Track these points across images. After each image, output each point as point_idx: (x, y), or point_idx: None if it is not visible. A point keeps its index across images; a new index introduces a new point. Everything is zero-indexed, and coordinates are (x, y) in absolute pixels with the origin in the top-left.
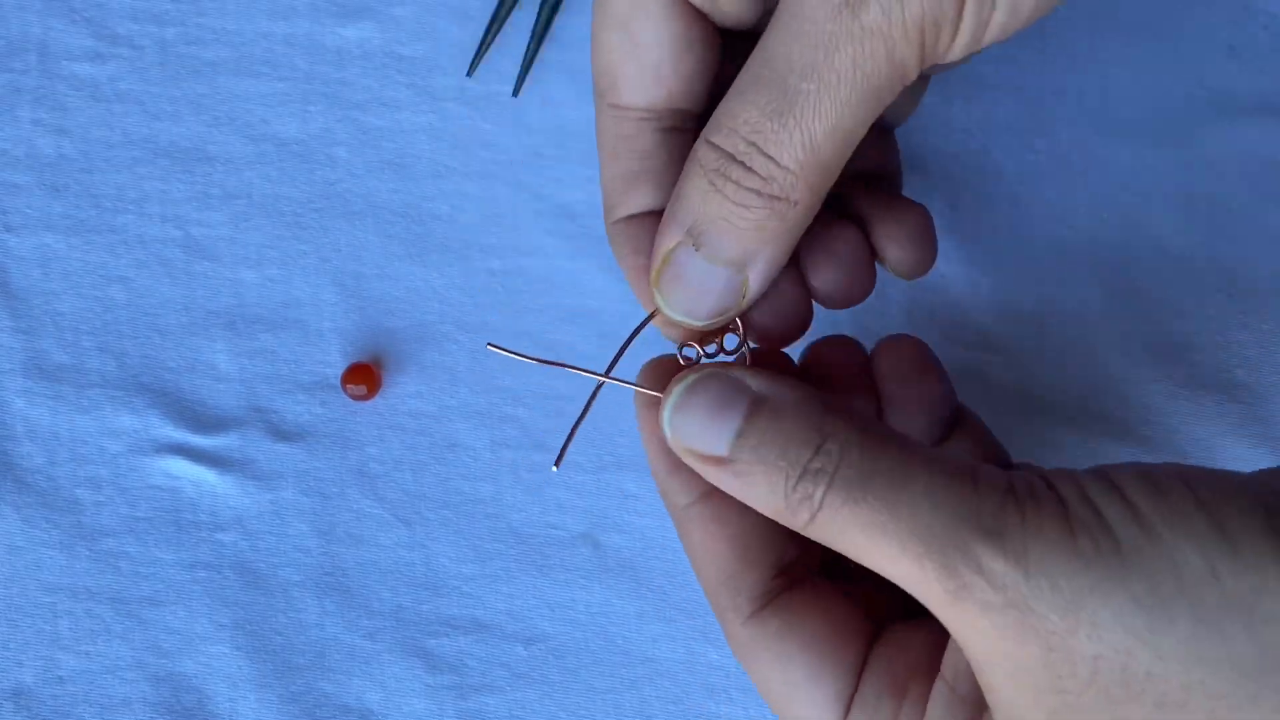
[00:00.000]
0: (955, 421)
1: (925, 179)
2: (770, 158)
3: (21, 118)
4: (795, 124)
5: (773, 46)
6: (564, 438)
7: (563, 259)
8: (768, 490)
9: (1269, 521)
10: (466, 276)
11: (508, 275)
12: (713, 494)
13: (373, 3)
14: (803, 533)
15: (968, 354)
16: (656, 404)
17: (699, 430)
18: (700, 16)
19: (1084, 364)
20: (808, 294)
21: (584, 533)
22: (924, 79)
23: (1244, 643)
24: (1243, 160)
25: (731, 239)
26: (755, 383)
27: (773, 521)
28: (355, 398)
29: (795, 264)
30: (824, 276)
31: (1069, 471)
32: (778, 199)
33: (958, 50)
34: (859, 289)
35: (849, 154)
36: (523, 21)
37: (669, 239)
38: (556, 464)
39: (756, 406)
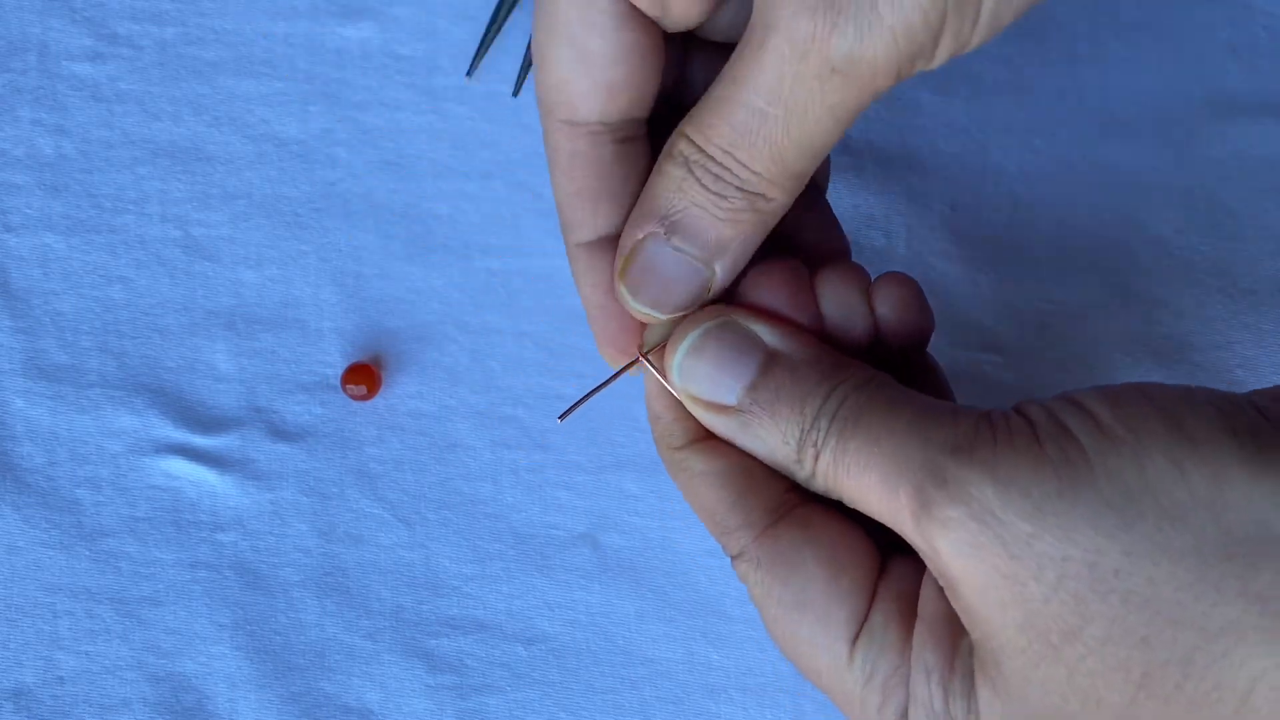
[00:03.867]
0: (927, 365)
1: (925, 179)
2: (744, 165)
3: (21, 118)
4: (764, 142)
5: (743, 71)
6: (565, 437)
7: (563, 259)
8: (780, 442)
9: (1223, 418)
10: (466, 276)
11: (508, 275)
12: (712, 436)
13: (373, 3)
14: (805, 484)
15: (968, 354)
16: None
17: (709, 378)
18: (649, 24)
19: (1084, 364)
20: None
21: (584, 533)
22: None
23: (1209, 532)
24: (1243, 160)
25: (706, 225)
26: (769, 336)
27: None
28: (355, 398)
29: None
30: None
31: (1038, 400)
32: (753, 194)
33: (934, 66)
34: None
35: (821, 158)
36: (523, 21)
37: (640, 230)
38: (562, 417)
39: (771, 360)
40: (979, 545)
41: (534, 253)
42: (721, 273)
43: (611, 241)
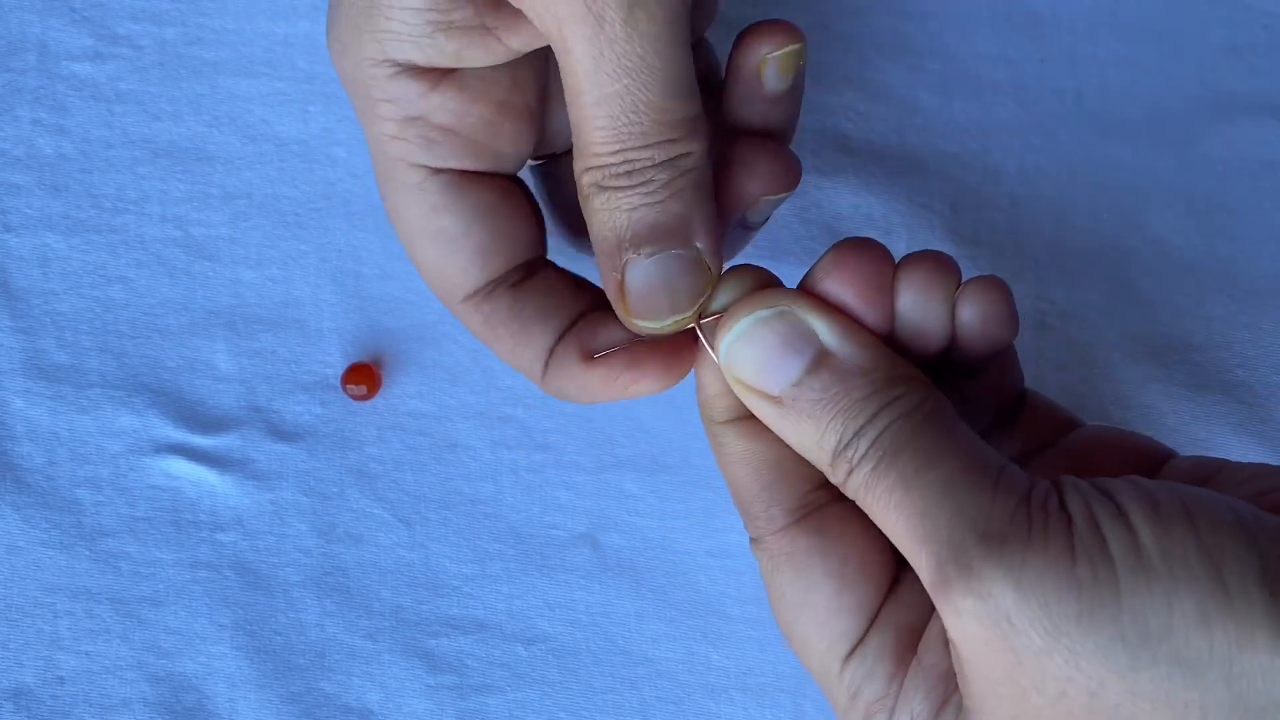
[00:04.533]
0: (1020, 403)
1: (925, 179)
2: (639, 146)
3: (21, 117)
4: (635, 115)
5: (572, 80)
6: (565, 437)
7: (561, 258)
8: (815, 443)
9: (1263, 569)
10: None
11: None
12: (753, 418)
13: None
14: (835, 483)
15: None
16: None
17: (756, 365)
18: (491, 178)
19: (1084, 364)
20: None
21: (584, 533)
22: None
23: (1219, 692)
24: (1243, 160)
25: (658, 215)
26: (825, 333)
27: None
28: (355, 398)
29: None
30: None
31: (1079, 483)
32: (669, 160)
33: None
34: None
35: (694, 86)
36: None
37: (613, 270)
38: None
39: (822, 359)
40: (988, 642)
41: None
42: (705, 244)
43: (492, 284)
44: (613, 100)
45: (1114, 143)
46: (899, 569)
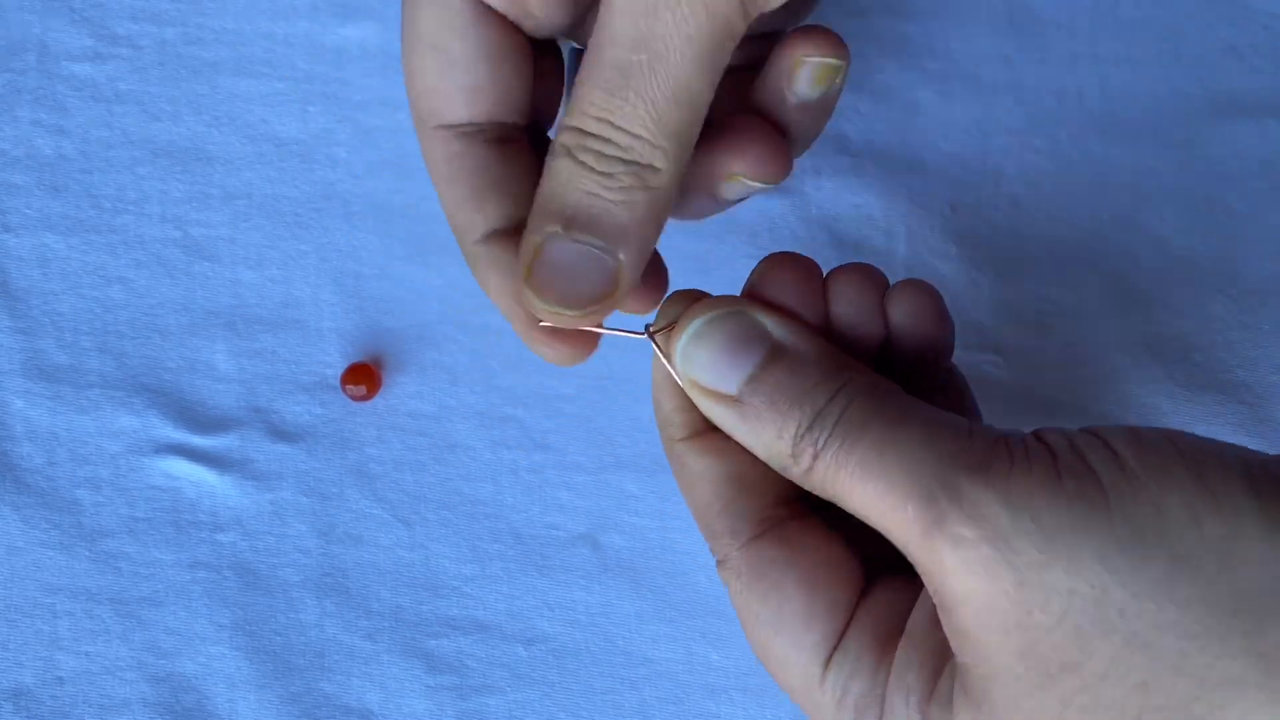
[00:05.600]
0: (946, 379)
1: (925, 179)
2: (622, 129)
3: (21, 118)
4: (636, 96)
5: (601, 28)
6: (565, 437)
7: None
8: (775, 436)
9: (1247, 476)
10: (466, 276)
11: None
12: (711, 431)
13: (373, 3)
14: (799, 481)
15: (968, 354)
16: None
17: (711, 365)
18: (512, 28)
19: (1084, 364)
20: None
21: (584, 533)
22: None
23: (1218, 584)
24: (1243, 160)
25: (600, 212)
26: (775, 329)
27: None
28: (355, 398)
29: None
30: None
31: (1060, 429)
32: (640, 164)
33: (775, 1)
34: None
35: (699, 117)
36: None
37: (538, 233)
38: (603, 327)
39: (776, 353)
40: (989, 566)
41: None
42: (627, 259)
43: (504, 234)
44: (625, 68)
45: (1114, 143)
46: (867, 576)
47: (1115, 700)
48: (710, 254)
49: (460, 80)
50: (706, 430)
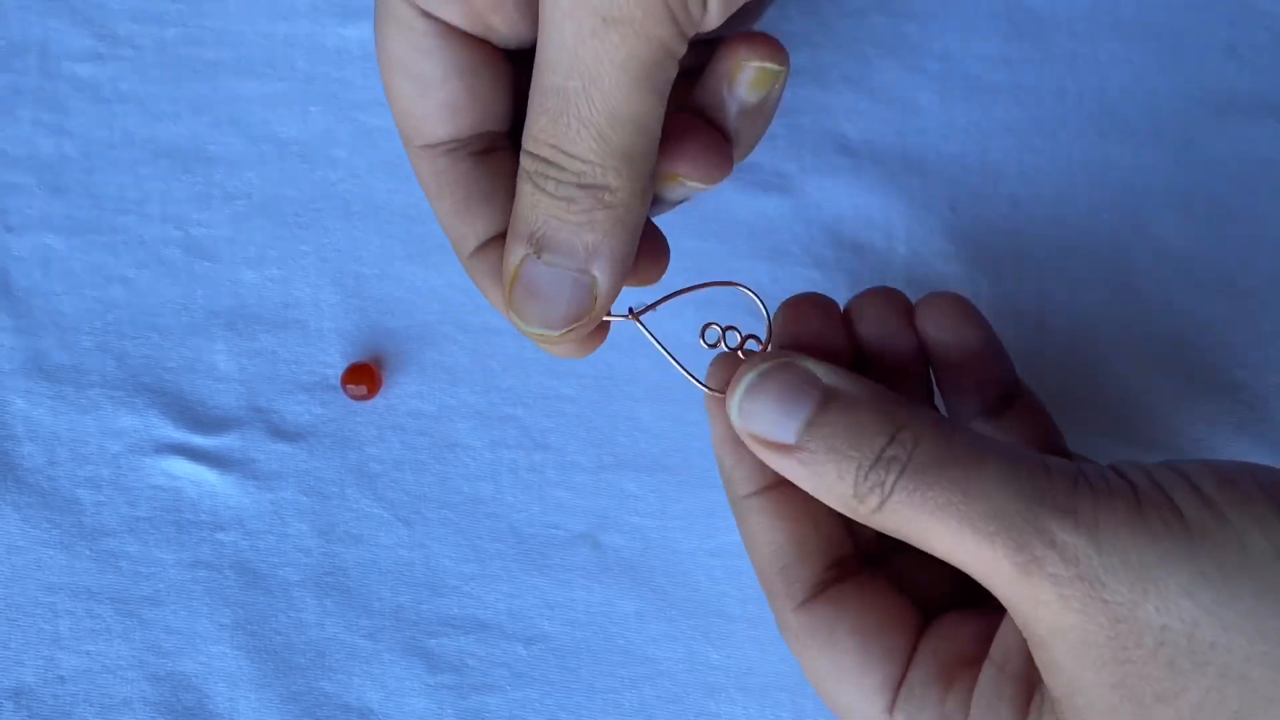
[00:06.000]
0: (1012, 397)
1: (925, 179)
2: (570, 154)
3: (22, 118)
4: (577, 121)
5: (540, 54)
6: (565, 437)
7: None
8: (836, 478)
9: None
10: (466, 276)
11: None
12: (774, 486)
13: (373, 3)
14: (866, 521)
15: None
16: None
17: (768, 417)
18: (479, 42)
19: (1084, 364)
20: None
21: (584, 533)
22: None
23: None
24: (1243, 160)
25: (568, 235)
26: (826, 375)
27: (830, 517)
28: (355, 398)
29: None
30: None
31: (1137, 464)
32: (595, 187)
33: (714, 15)
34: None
35: (650, 133)
36: None
37: (514, 255)
38: (636, 313)
39: (829, 397)
40: (1084, 604)
41: None
42: (602, 276)
43: (497, 242)
44: (562, 93)
45: (1114, 143)
46: (922, 620)
47: None
48: (710, 253)
49: (435, 100)
50: (770, 485)
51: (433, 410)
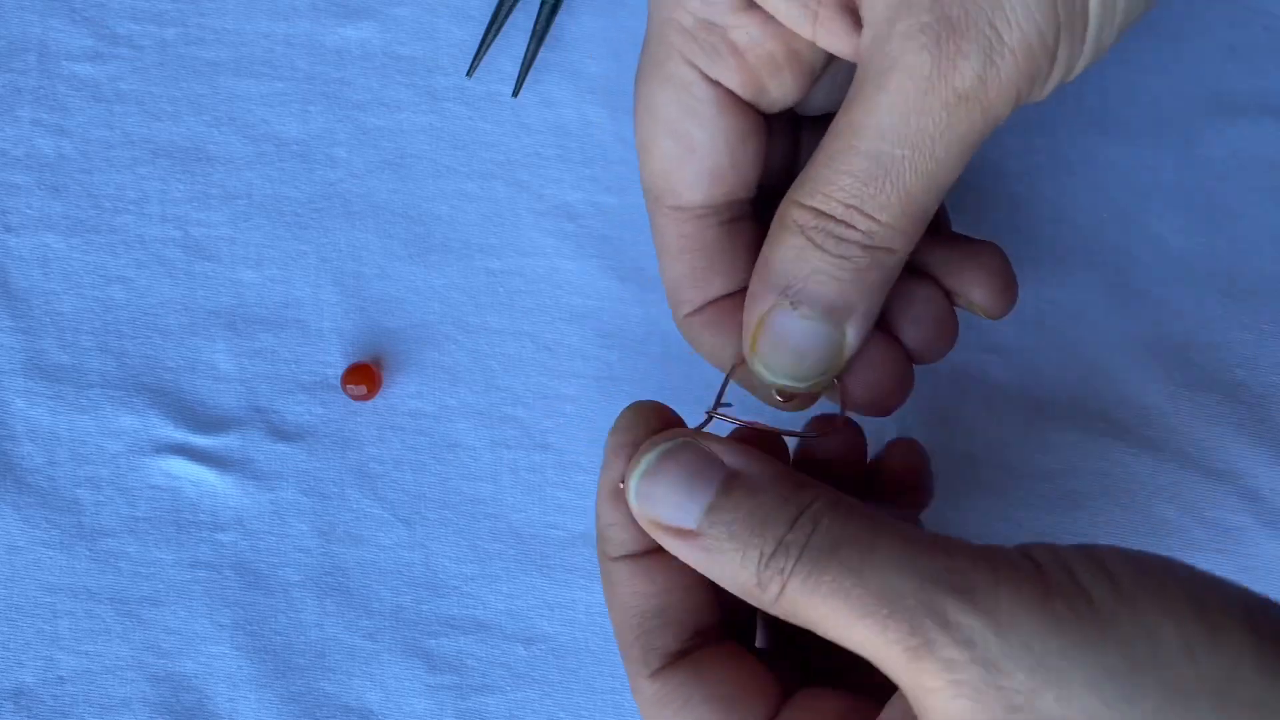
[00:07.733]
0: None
1: None
2: (871, 217)
3: (21, 118)
4: (892, 187)
5: (861, 118)
6: (565, 437)
7: (562, 259)
8: (739, 566)
9: (1248, 615)
10: (466, 276)
11: (508, 275)
12: (650, 553)
13: (373, 3)
14: (769, 610)
15: (968, 354)
16: (617, 459)
17: (669, 501)
18: (747, 108)
19: (1084, 364)
20: (905, 356)
21: (584, 533)
22: None
23: None
24: (1243, 160)
25: (832, 291)
26: (729, 456)
27: (700, 584)
28: (355, 398)
29: (885, 329)
30: (915, 335)
31: (1047, 544)
32: (879, 249)
33: (1048, 91)
34: (947, 341)
35: (943, 197)
36: (523, 22)
37: (764, 303)
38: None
39: (731, 482)
40: (978, 692)
41: (534, 253)
42: (853, 335)
43: (724, 300)
44: (884, 160)
45: (1114, 143)
46: (785, 692)
47: None
48: None
49: (700, 165)
50: (641, 554)
51: (433, 410)
